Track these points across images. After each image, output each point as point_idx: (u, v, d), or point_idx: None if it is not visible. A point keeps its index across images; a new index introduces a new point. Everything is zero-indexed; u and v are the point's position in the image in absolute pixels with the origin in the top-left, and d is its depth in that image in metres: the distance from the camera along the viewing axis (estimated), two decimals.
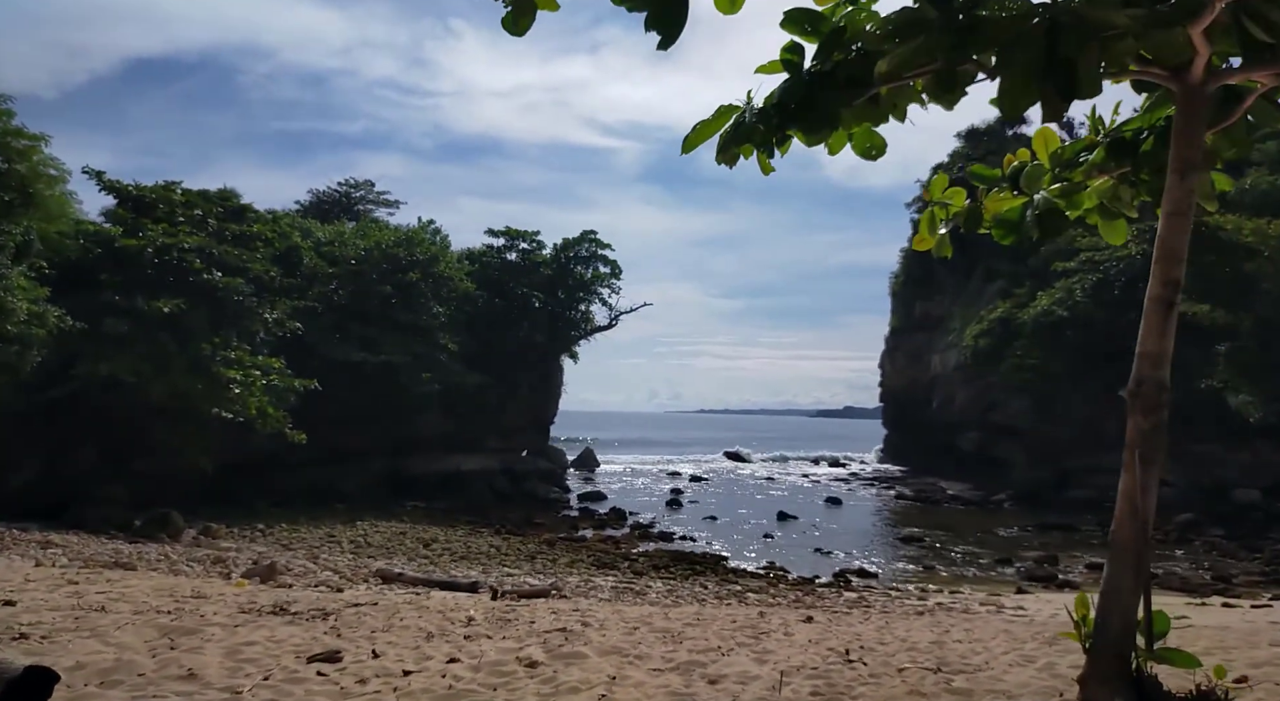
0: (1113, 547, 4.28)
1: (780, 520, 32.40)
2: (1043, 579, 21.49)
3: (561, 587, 12.08)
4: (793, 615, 7.43)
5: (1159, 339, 3.91)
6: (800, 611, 8.19)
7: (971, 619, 8.05)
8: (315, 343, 28.69)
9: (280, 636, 5.16)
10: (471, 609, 6.73)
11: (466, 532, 23.99)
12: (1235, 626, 11.84)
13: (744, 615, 7.05)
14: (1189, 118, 3.79)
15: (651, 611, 7.30)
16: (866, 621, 7.03)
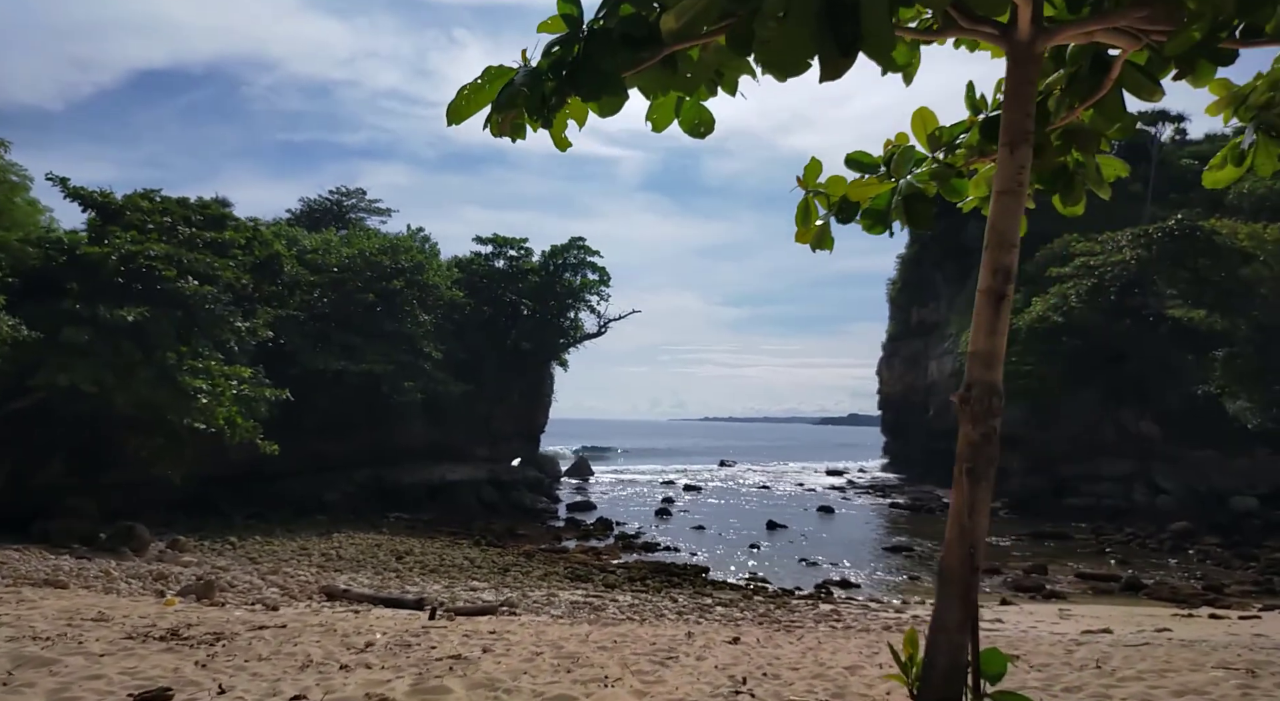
0: (940, 577, 3.88)
1: (769, 530, 31.99)
2: (1029, 589, 21.04)
3: (516, 603, 11.73)
4: (724, 634, 7.07)
5: (989, 336, 3.49)
6: (735, 630, 7.83)
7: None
8: (295, 351, 28.44)
9: (140, 668, 4.83)
10: (382, 632, 6.39)
11: (445, 544, 23.62)
12: (1211, 638, 11.45)
13: (670, 635, 6.71)
14: (1019, 81, 3.36)
15: (577, 632, 6.95)
16: (799, 641, 6.68)
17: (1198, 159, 65.44)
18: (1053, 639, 8.06)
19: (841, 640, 7.00)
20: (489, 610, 10.25)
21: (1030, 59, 3.19)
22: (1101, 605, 19.24)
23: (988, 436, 3.67)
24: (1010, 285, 3.47)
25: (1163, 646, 7.53)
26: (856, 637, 6.87)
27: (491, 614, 9.94)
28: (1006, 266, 3.41)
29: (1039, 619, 15.82)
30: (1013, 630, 12.54)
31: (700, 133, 3.18)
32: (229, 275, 21.26)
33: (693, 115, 3.14)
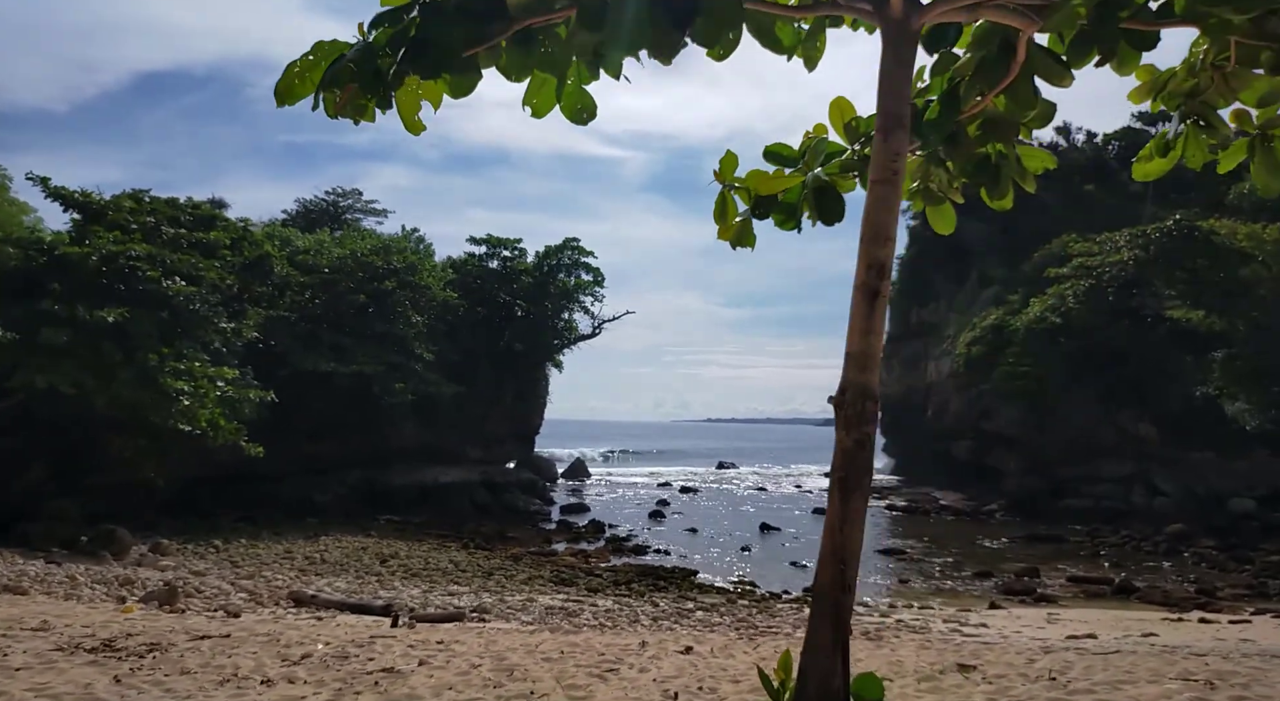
0: (814, 594, 3.68)
1: (763, 532, 31.81)
2: (1020, 593, 20.84)
3: (489, 609, 11.57)
4: (682, 642, 6.89)
5: (863, 336, 3.27)
6: (698, 638, 7.66)
7: (897, 647, 7.51)
8: (285, 352, 28.32)
9: (52, 684, 4.68)
10: (327, 642, 6.23)
11: (432, 547, 23.47)
12: (1194, 644, 11.24)
13: (624, 645, 6.55)
14: (892, 62, 3.16)
15: (531, 641, 6.80)
16: (755, 651, 6.51)
17: None
18: (1022, 647, 7.87)
19: None
20: (455, 617, 10.09)
21: (904, 38, 2.99)
22: (1092, 609, 19.03)
23: (861, 443, 3.46)
24: (885, 281, 3.25)
25: (1134, 654, 7.34)
26: None
27: (458, 621, 9.79)
28: (881, 261, 3.19)
29: (1025, 623, 15.61)
30: (993, 635, 12.35)
31: (583, 119, 2.98)
32: (213, 276, 21.14)
33: (575, 100, 2.93)
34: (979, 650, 7.18)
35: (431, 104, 2.97)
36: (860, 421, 3.43)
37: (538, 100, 2.94)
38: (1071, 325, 42.08)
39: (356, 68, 2.57)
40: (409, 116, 2.95)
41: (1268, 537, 30.11)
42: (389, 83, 2.64)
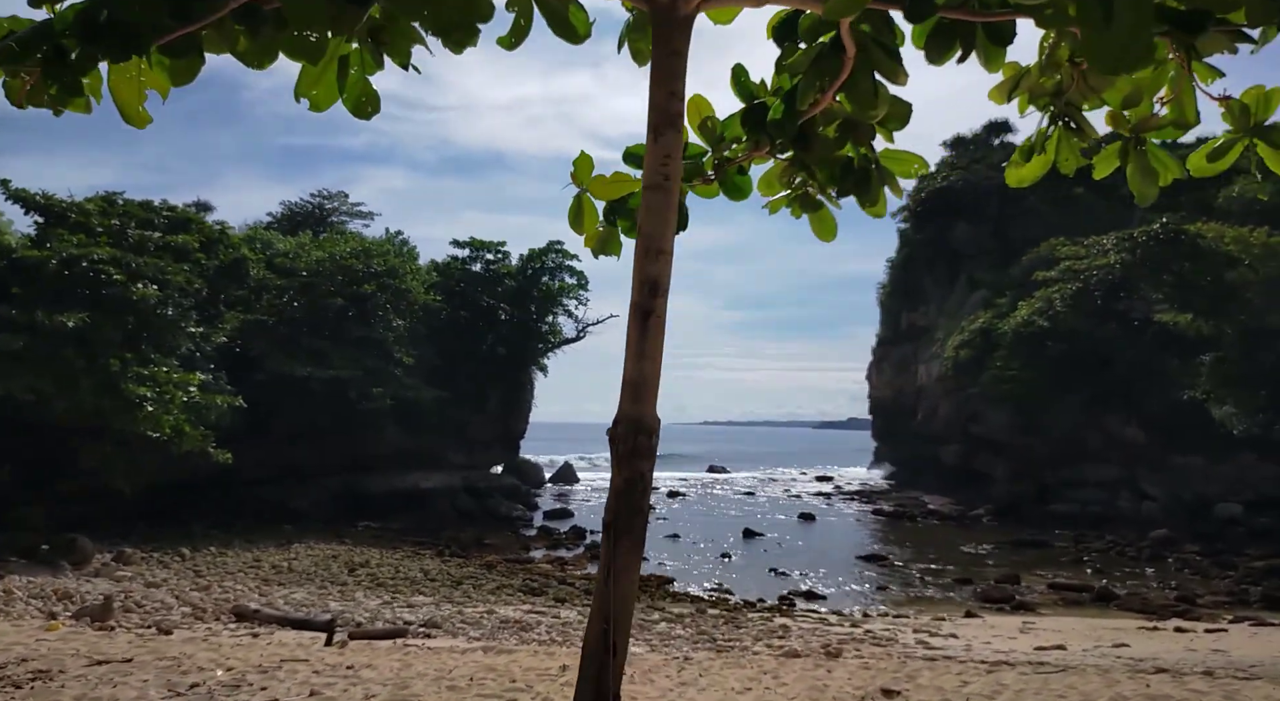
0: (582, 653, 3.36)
1: (746, 538, 31.55)
2: (998, 600, 20.61)
3: (440, 622, 11.30)
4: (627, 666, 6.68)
5: (636, 361, 2.93)
6: (631, 657, 7.41)
7: (837, 667, 7.24)
8: (260, 357, 28.02)
9: None
10: (233, 666, 5.97)
11: (406, 555, 23.18)
12: (1161, 656, 11.01)
13: (543, 668, 6.29)
14: (662, 53, 2.89)
15: (453, 661, 6.54)
16: (678, 673, 6.24)
17: None
18: (971, 663, 7.63)
19: (734, 669, 6.58)
20: (397, 633, 9.81)
21: (674, 24, 2.71)
22: (1069, 617, 18.81)
23: (632, 482, 3.13)
24: (660, 299, 2.92)
25: (1080, 673, 7.10)
26: (736, 670, 6.45)
27: (400, 637, 9.50)
28: (654, 278, 2.86)
29: (996, 633, 15.39)
30: (958, 647, 12.11)
31: (366, 112, 2.73)
32: (180, 279, 20.84)
33: (357, 91, 2.66)
34: (919, 669, 6.93)
35: (160, 93, 2.69)
36: (633, 457, 3.10)
37: (316, 92, 2.67)
38: (1059, 328, 41.94)
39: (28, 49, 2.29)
40: (130, 108, 2.67)
41: (1253, 543, 29.95)
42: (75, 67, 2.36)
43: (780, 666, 6.95)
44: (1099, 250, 43.10)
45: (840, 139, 2.85)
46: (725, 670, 6.60)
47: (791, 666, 6.93)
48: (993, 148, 67.86)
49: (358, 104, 2.65)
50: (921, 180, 67.65)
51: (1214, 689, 6.34)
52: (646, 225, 2.76)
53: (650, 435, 3.09)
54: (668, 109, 2.71)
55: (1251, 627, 17.20)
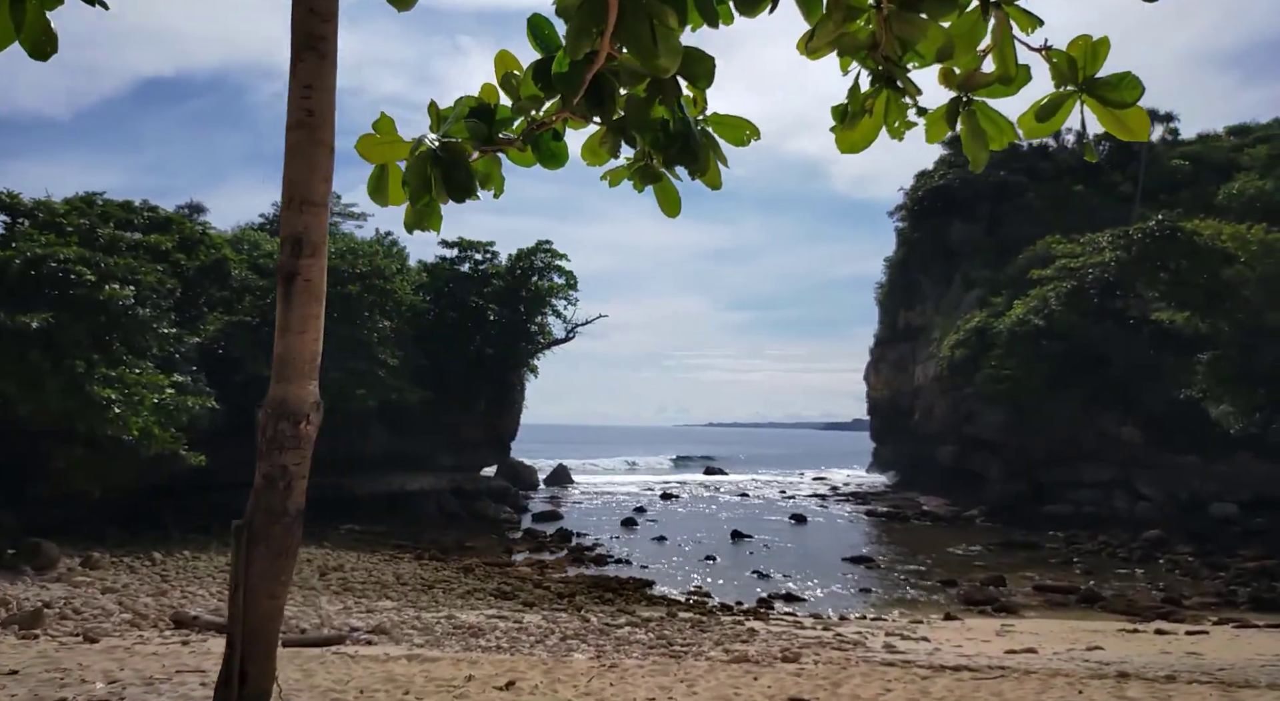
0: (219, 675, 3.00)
1: (734, 540, 31.24)
2: (980, 602, 20.29)
3: (388, 629, 11.03)
4: (533, 675, 6.37)
5: (282, 335, 2.56)
6: (569, 664, 7.13)
7: (767, 673, 6.95)
8: (242, 358, 27.80)
9: None
10: (112, 681, 5.72)
11: (384, 558, 22.93)
12: (1133, 658, 10.68)
13: (448, 678, 6.02)
14: None
15: (361, 673, 6.29)
16: (586, 684, 5.98)
17: (1189, 159, 64.50)
18: (902, 671, 7.34)
19: (655, 676, 6.31)
20: (333, 640, 9.53)
21: None
22: (1052, 619, 18.48)
23: (272, 479, 2.73)
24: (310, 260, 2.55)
25: (1019, 678, 6.81)
26: (683, 672, 6.18)
27: (337, 643, 9.24)
28: (298, 233, 2.49)
29: (971, 636, 15.07)
30: (920, 652, 11.79)
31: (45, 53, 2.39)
32: (151, 278, 20.63)
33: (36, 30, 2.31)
34: (850, 676, 6.65)
35: None
36: (275, 448, 2.71)
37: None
38: (1054, 327, 41.54)
39: None
40: None
41: (1246, 544, 29.52)
42: None
43: (709, 672, 6.68)
44: (1094, 248, 42.66)
45: (648, 99, 2.58)
46: (646, 676, 6.33)
47: (719, 672, 6.66)
48: None
49: (35, 44, 2.34)
50: (919, 178, 67.39)
51: (1148, 693, 6.04)
52: (291, 171, 2.46)
53: (297, 422, 2.75)
54: (308, 29, 2.41)
55: (1235, 629, 16.86)
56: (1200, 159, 64.05)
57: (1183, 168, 62.98)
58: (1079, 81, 2.33)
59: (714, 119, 2.85)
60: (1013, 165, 62.79)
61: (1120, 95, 2.32)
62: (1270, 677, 9.77)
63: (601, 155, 3.03)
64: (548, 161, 2.96)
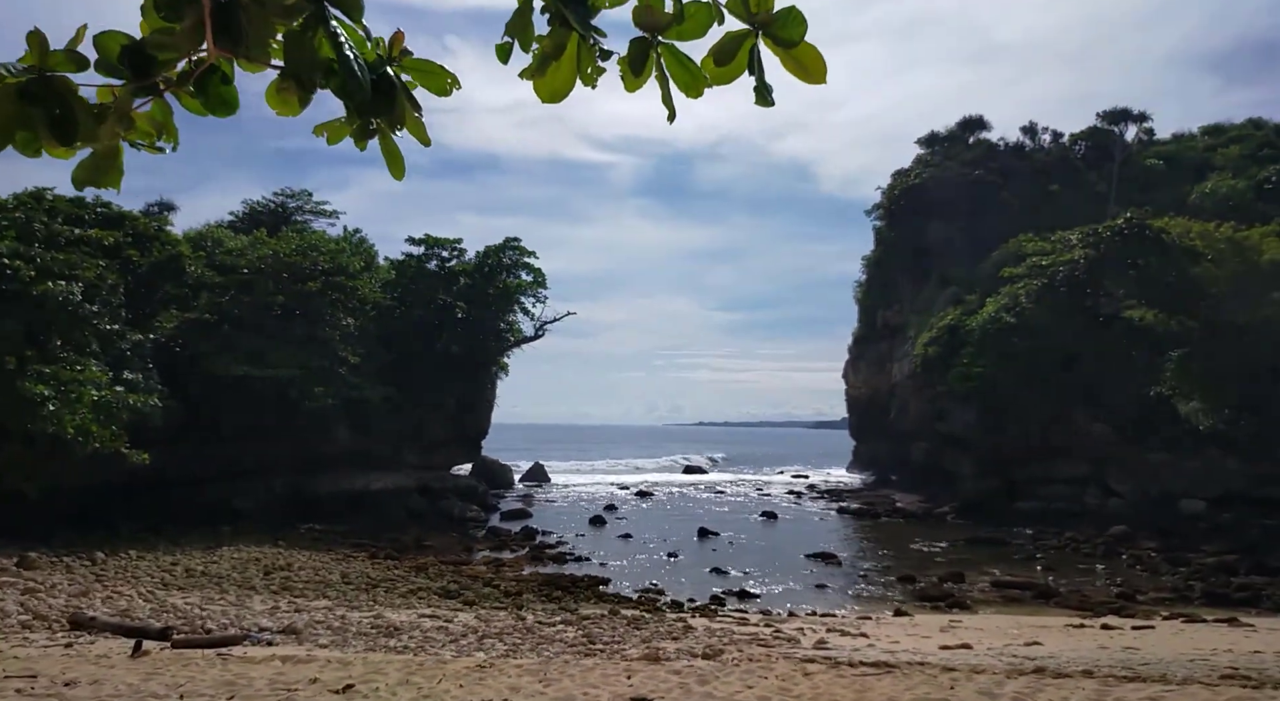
0: None
1: (700, 537, 31.02)
2: (935, 598, 20.16)
3: (299, 629, 10.75)
4: (403, 674, 6.15)
5: None
6: (441, 667, 6.89)
7: (638, 671, 6.71)
8: (196, 355, 27.40)
9: None
10: None
11: (336, 558, 22.58)
12: (1063, 654, 10.52)
13: (294, 681, 5.78)
14: None
15: (211, 677, 6.04)
16: (436, 683, 5.78)
17: (1164, 159, 64.77)
18: (791, 666, 7.16)
19: (526, 676, 6.10)
20: (231, 641, 9.22)
21: None
22: (1003, 615, 18.37)
23: None
24: None
25: (904, 675, 6.61)
26: (557, 670, 5.96)
27: (233, 644, 8.95)
28: None
29: (913, 633, 14.91)
30: (847, 649, 11.59)
31: None
32: (90, 274, 20.24)
33: None
34: (725, 674, 6.44)
35: None
36: None
37: None
38: (1025, 325, 41.53)
39: None
40: None
41: (1211, 539, 29.57)
42: None
43: (584, 672, 6.47)
44: (1065, 246, 42.73)
45: (304, 33, 2.33)
46: (509, 676, 6.11)
47: (593, 673, 6.45)
48: (967, 145, 67.54)
49: None
50: (896, 177, 67.40)
51: (1026, 689, 5.85)
52: None
53: None
54: None
55: (1182, 624, 16.79)
56: (1175, 159, 64.32)
57: (1157, 167, 63.23)
58: (752, 19, 2.11)
59: (410, 64, 2.60)
60: (988, 164, 62.94)
61: (788, 33, 2.10)
62: (1189, 672, 9.63)
63: (291, 104, 2.75)
64: (217, 108, 2.69)
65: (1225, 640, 14.19)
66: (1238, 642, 13.86)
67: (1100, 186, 63.26)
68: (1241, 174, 56.27)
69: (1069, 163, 66.22)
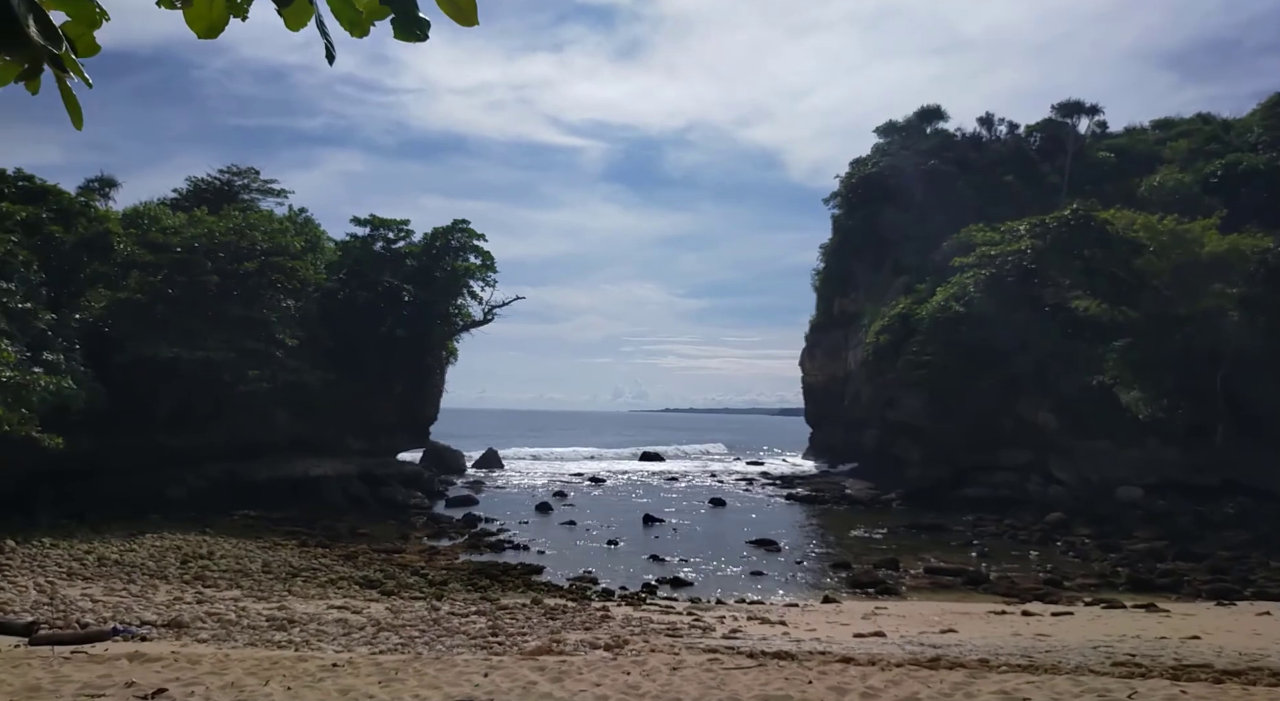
0: None
1: (645, 524, 30.92)
2: (867, 585, 20.23)
3: (185, 623, 10.33)
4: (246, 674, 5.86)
5: None
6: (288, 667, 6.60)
7: (497, 669, 6.45)
8: (122, 337, 26.48)
9: None
10: None
11: (264, 546, 22.00)
12: (982, 641, 10.49)
13: (98, 684, 5.44)
14: None
15: (31, 676, 5.70)
16: (315, 675, 5.52)
17: (1115, 152, 65.79)
18: (670, 658, 7.00)
19: (377, 677, 5.85)
20: (96, 637, 8.78)
21: None
22: (930, 602, 18.47)
23: None
24: None
25: (775, 668, 6.46)
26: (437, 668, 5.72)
27: (97, 640, 8.53)
28: None
29: (832, 620, 14.89)
30: (754, 638, 11.48)
31: None
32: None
33: None
34: (590, 667, 6.25)
35: None
36: None
37: None
38: (973, 314, 41.94)
39: None
40: None
41: (1144, 526, 30.16)
42: None
43: (447, 669, 6.22)
44: (1013, 236, 43.14)
45: None
46: (354, 678, 5.83)
47: (453, 669, 6.21)
48: (924, 135, 67.96)
49: None
50: (853, 165, 67.66)
51: (886, 681, 5.70)
52: None
53: None
54: None
55: (1102, 610, 17.00)
56: (1126, 151, 65.34)
57: (1109, 160, 64.19)
58: None
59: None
60: (944, 155, 63.39)
61: None
62: (1082, 661, 9.62)
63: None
64: None
65: (1137, 626, 14.36)
66: (1148, 628, 14.04)
67: (1053, 178, 64.08)
68: (1189, 167, 57.37)
69: (1024, 154, 66.98)
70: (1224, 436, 37.84)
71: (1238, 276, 38.56)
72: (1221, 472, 36.97)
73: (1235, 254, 38.70)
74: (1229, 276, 38.78)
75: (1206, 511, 33.22)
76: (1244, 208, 46.26)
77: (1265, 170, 52.43)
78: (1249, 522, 30.69)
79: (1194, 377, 38.09)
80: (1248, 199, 48.71)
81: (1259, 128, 59.02)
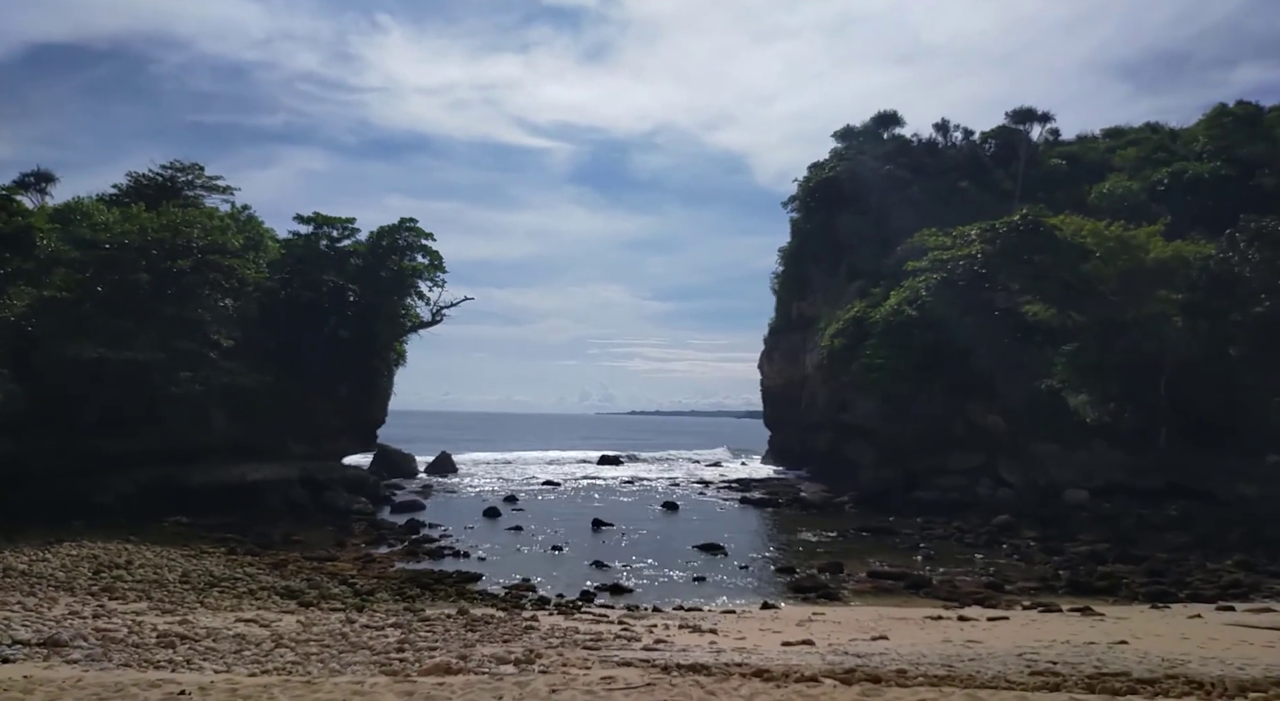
0: None
1: (594, 529, 30.45)
2: (809, 589, 20.00)
3: (64, 642, 9.66)
4: None
5: None
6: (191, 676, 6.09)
7: (385, 686, 6.00)
8: (44, 336, 25.36)
9: None
10: None
11: (186, 555, 21.08)
12: (909, 649, 10.20)
13: None
14: None
15: None
16: None
17: (1067, 159, 66.97)
18: (580, 673, 6.62)
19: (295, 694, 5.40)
20: None
21: None
22: (870, 607, 18.26)
23: None
24: None
25: (661, 688, 6.11)
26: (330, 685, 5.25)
27: None
28: None
29: (765, 627, 14.59)
30: (675, 648, 11.10)
31: None
32: None
33: None
34: (478, 687, 5.84)
35: None
36: None
37: None
38: (925, 318, 42.19)
39: None
40: None
41: (1089, 528, 30.39)
42: None
43: (323, 693, 5.77)
44: (964, 241, 43.52)
45: None
46: None
47: (321, 690, 5.76)
48: (881, 140, 68.55)
49: None
50: (812, 169, 67.96)
51: (794, 692, 5.35)
52: None
53: None
54: None
55: (1038, 614, 16.93)
56: (1077, 159, 66.55)
57: (1060, 167, 65.33)
58: None
59: None
60: (900, 160, 63.95)
61: None
62: (1001, 670, 9.38)
63: None
64: None
65: (1070, 630, 14.26)
66: (1080, 633, 13.94)
67: (1007, 184, 64.91)
68: (1137, 175, 58.57)
69: (978, 160, 67.82)
70: (1167, 440, 38.55)
71: (1181, 282, 39.33)
72: (1165, 476, 37.63)
73: (1179, 261, 39.47)
74: (1173, 282, 39.54)
75: (1149, 514, 33.71)
76: (1188, 215, 47.32)
77: (1209, 179, 53.70)
78: (1190, 525, 31.15)
79: (1139, 382, 38.76)
80: (1192, 206, 49.86)
81: (1204, 137, 60.51)
